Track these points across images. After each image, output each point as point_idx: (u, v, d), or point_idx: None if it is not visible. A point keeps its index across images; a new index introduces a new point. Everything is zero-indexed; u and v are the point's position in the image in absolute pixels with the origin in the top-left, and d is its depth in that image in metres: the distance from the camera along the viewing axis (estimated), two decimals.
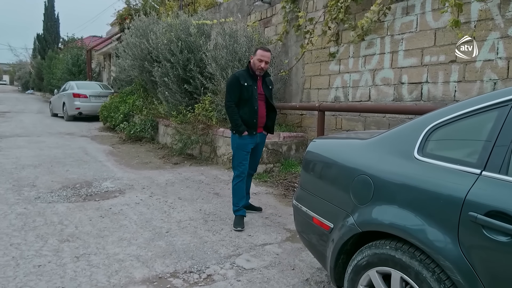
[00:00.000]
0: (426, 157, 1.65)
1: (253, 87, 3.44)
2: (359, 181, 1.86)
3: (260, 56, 3.40)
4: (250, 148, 3.53)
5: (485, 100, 1.54)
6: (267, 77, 3.62)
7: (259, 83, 3.53)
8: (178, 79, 7.12)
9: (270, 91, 3.63)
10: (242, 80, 3.40)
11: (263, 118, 3.58)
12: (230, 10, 8.12)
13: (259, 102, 3.50)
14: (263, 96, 3.54)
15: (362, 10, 4.94)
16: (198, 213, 3.84)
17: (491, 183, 1.39)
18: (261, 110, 3.52)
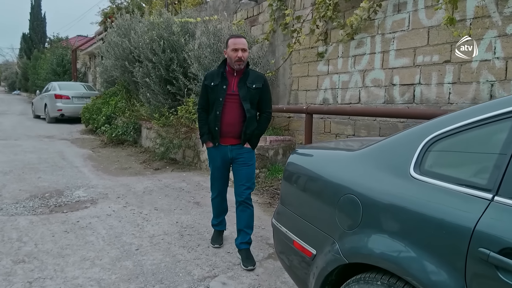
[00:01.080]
0: (425, 175, 1.37)
1: (220, 87, 2.76)
2: (346, 201, 1.57)
3: (233, 45, 2.70)
4: (218, 163, 2.91)
5: (495, 107, 1.27)
6: (250, 74, 2.82)
7: (233, 81, 2.78)
8: (160, 79, 6.79)
9: (250, 92, 2.76)
10: (207, 80, 2.83)
11: (234, 126, 2.79)
12: (215, 8, 7.82)
13: (228, 105, 2.76)
14: (235, 97, 2.76)
15: (352, 8, 4.68)
16: (174, 226, 3.53)
17: (507, 212, 1.12)
18: (228, 116, 2.77)
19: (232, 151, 2.85)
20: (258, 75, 2.89)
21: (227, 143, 2.85)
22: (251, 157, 2.89)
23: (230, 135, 2.82)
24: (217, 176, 2.99)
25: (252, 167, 2.88)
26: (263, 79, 2.86)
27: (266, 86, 2.86)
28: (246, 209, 2.87)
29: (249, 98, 2.78)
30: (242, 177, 2.85)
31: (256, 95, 2.80)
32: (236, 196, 2.87)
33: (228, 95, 2.77)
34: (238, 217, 2.89)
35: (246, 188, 2.84)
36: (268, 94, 2.89)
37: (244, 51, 2.73)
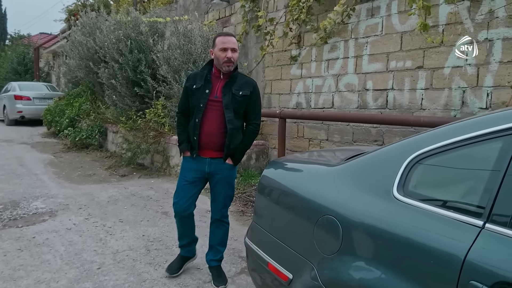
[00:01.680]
0: (409, 197, 1.26)
1: (202, 91, 2.42)
2: (325, 223, 1.45)
3: (221, 44, 2.38)
4: (191, 176, 2.51)
5: (485, 125, 1.18)
6: (238, 79, 2.48)
7: (217, 85, 2.45)
8: (127, 81, 6.48)
9: (235, 99, 2.42)
10: (189, 81, 2.51)
11: (214, 137, 2.43)
12: (186, 8, 7.58)
13: (209, 112, 2.41)
14: (218, 104, 2.41)
15: (325, 11, 4.61)
16: (140, 240, 3.30)
17: (500, 241, 1.02)
18: (208, 125, 2.42)
19: (211, 165, 2.49)
20: (247, 80, 2.53)
21: (206, 155, 2.49)
22: (232, 174, 2.57)
23: (209, 147, 2.46)
24: (184, 191, 2.53)
25: (231, 184, 2.60)
26: (252, 85, 2.51)
27: (255, 94, 2.51)
28: (221, 226, 2.64)
29: (233, 107, 2.42)
30: (220, 196, 2.56)
31: (242, 103, 2.45)
32: (212, 212, 2.62)
33: (211, 101, 2.43)
34: (212, 232, 2.66)
35: (223, 206, 2.60)
36: (256, 103, 2.53)
37: (234, 52, 2.41)
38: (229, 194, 2.60)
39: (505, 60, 3.08)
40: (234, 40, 2.45)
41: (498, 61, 3.13)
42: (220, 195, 2.56)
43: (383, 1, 4.01)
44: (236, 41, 2.48)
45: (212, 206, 2.62)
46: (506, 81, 3.07)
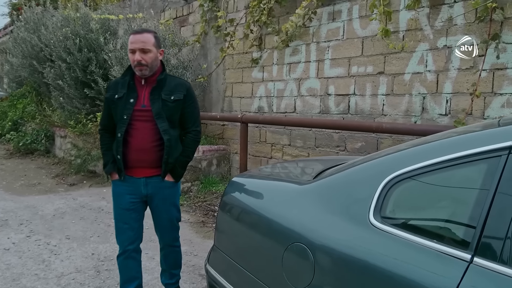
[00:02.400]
0: (387, 223, 1.14)
1: (125, 101, 2.06)
2: (294, 251, 1.30)
3: (129, 44, 2.04)
4: (126, 203, 2.12)
5: (470, 145, 1.08)
6: (168, 82, 2.13)
7: (143, 92, 2.09)
8: (76, 82, 6.02)
9: (167, 105, 2.08)
10: (110, 91, 2.14)
11: (147, 153, 2.07)
12: (141, 5, 7.21)
13: (137, 124, 2.07)
14: (147, 114, 2.07)
15: (286, 14, 4.51)
16: (89, 260, 3.00)
17: (490, 279, 0.92)
18: (137, 139, 2.06)
19: (147, 185, 2.12)
20: (179, 82, 2.18)
21: (139, 174, 2.11)
22: (174, 192, 2.23)
23: (142, 164, 2.09)
24: (123, 222, 2.15)
25: (176, 204, 2.27)
26: (186, 87, 2.16)
27: (190, 97, 2.17)
28: (172, 252, 2.34)
29: (166, 115, 2.08)
30: (164, 220, 2.23)
31: (176, 109, 2.11)
32: (160, 239, 2.32)
33: (138, 111, 2.07)
34: (163, 258, 2.37)
35: (170, 230, 2.27)
36: (193, 107, 2.20)
37: (146, 52, 2.00)
38: (175, 216, 2.27)
39: (464, 67, 3.12)
40: (145, 38, 2.03)
41: (456, 68, 3.16)
42: (164, 219, 2.22)
43: (344, 5, 3.96)
44: (153, 37, 2.06)
45: (158, 233, 2.30)
46: (465, 88, 3.11)
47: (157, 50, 2.07)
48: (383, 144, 3.71)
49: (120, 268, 2.26)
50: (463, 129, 1.28)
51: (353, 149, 3.94)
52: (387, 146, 3.66)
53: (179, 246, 2.38)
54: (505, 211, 0.94)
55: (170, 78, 2.18)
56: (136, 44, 2.02)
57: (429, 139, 1.29)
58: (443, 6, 3.21)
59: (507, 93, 2.88)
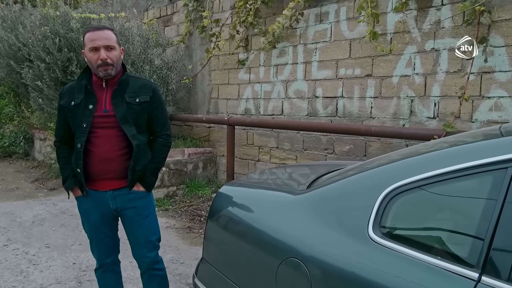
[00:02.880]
0: (388, 238, 1.08)
1: (84, 107, 1.87)
2: (289, 266, 1.23)
3: (90, 42, 1.83)
4: (94, 219, 1.96)
5: (468, 155, 1.03)
6: (131, 82, 1.95)
7: (104, 96, 1.91)
8: (56, 83, 5.81)
9: (132, 109, 1.91)
10: (64, 98, 1.94)
11: (112, 162, 1.89)
12: (123, 4, 7.04)
13: (100, 132, 1.88)
14: (111, 120, 1.89)
15: (273, 15, 4.45)
16: (70, 270, 2.87)
17: None
18: (101, 148, 1.87)
19: (115, 198, 1.93)
20: (143, 83, 1.99)
21: (105, 187, 1.92)
22: (146, 204, 2.02)
23: (108, 176, 1.90)
24: (97, 238, 2.00)
25: (151, 217, 2.04)
26: (151, 88, 1.98)
27: (156, 98, 1.99)
28: (155, 276, 2.07)
29: (132, 119, 1.90)
30: (139, 237, 2.00)
31: (142, 112, 1.94)
32: (137, 261, 2.07)
33: (99, 117, 1.88)
34: (145, 285, 2.12)
35: (148, 250, 2.01)
36: (161, 109, 2.03)
37: (110, 50, 1.83)
38: (152, 231, 2.03)
39: (451, 70, 3.12)
40: (108, 35, 1.86)
41: (444, 71, 3.16)
42: (140, 236, 1.99)
43: (332, 7, 3.93)
44: (113, 34, 1.90)
45: (135, 252, 2.04)
46: (453, 91, 3.11)
47: (119, 48, 1.92)
48: (371, 147, 3.69)
49: (99, 282, 2.14)
50: (465, 138, 1.24)
51: (342, 152, 3.91)
52: (376, 149, 3.64)
53: (163, 269, 2.11)
54: None
55: (132, 79, 2.00)
56: (99, 41, 1.82)
57: (430, 147, 1.24)
58: (431, 9, 3.20)
59: (495, 97, 2.89)
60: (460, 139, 1.25)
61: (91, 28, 1.91)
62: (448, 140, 1.30)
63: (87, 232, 2.06)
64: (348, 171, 1.43)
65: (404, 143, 3.46)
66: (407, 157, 1.22)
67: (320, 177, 1.62)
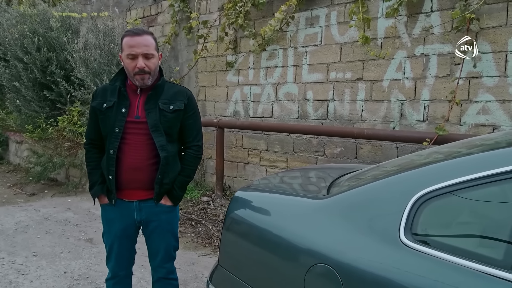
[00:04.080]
0: (420, 243, 1.10)
1: (117, 111, 1.81)
2: (319, 273, 1.23)
3: (128, 48, 1.75)
4: (117, 230, 1.89)
5: (503, 161, 1.07)
6: (166, 88, 1.88)
7: (137, 100, 1.84)
8: (34, 83, 5.61)
9: (165, 116, 1.83)
10: (97, 99, 1.87)
11: (141, 172, 1.82)
12: (104, 3, 6.85)
13: (130, 138, 1.82)
14: (142, 126, 1.82)
15: (263, 17, 4.46)
16: (62, 279, 2.76)
17: None
18: (130, 156, 1.81)
19: (141, 210, 1.87)
20: (179, 90, 1.92)
21: (132, 197, 1.86)
22: (172, 219, 1.96)
23: (135, 186, 1.84)
24: (117, 250, 1.92)
25: (174, 232, 1.99)
26: (187, 96, 1.91)
27: (191, 106, 1.92)
28: (167, 285, 2.03)
29: (164, 127, 1.82)
30: (160, 249, 1.94)
31: (175, 121, 1.85)
32: (153, 270, 2.02)
33: (130, 123, 1.81)
34: None
35: (166, 261, 1.98)
36: (195, 118, 1.95)
37: (149, 58, 1.76)
38: (172, 245, 2.00)
39: (441, 75, 3.22)
40: (147, 41, 1.77)
41: (434, 76, 3.26)
42: (160, 248, 1.94)
43: (322, 11, 3.98)
44: (153, 39, 1.82)
45: (152, 262, 2.00)
46: (442, 95, 3.22)
47: (158, 54, 1.84)
48: (362, 149, 3.76)
49: None
50: (493, 141, 1.28)
51: (332, 154, 3.97)
52: (367, 151, 3.71)
53: (176, 279, 2.07)
54: None
55: (168, 84, 1.92)
56: (138, 48, 1.73)
57: (454, 151, 1.28)
58: (421, 15, 3.30)
59: (483, 101, 3.01)
60: (486, 143, 1.29)
61: (129, 32, 1.81)
62: (477, 143, 1.34)
63: (105, 242, 1.97)
64: (369, 175, 1.45)
65: (394, 146, 3.55)
66: (433, 162, 1.25)
67: (335, 181, 1.64)
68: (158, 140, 1.81)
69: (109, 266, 1.98)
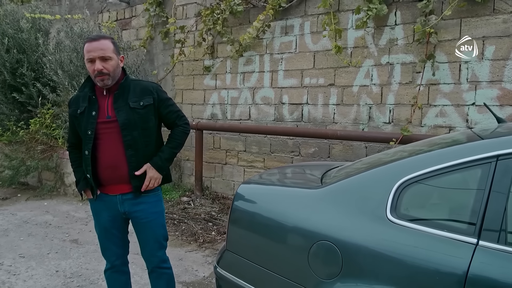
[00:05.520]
0: (403, 219, 1.38)
1: (88, 115, 1.95)
2: (321, 249, 1.48)
3: (87, 54, 1.89)
4: (105, 221, 2.05)
5: (463, 154, 1.37)
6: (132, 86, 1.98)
7: (106, 102, 1.96)
8: (3, 85, 5.48)
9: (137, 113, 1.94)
10: (72, 107, 2.03)
11: (118, 169, 1.95)
12: (74, 4, 6.78)
13: (104, 138, 1.95)
14: (114, 125, 1.93)
15: (239, 25, 4.68)
16: (55, 278, 2.82)
17: (494, 256, 1.20)
18: (107, 155, 1.95)
19: (123, 202, 2.00)
20: (145, 86, 2.02)
21: (115, 191, 2.00)
22: (154, 205, 2.06)
23: (116, 181, 1.97)
24: (106, 239, 2.09)
25: (160, 217, 2.10)
26: (154, 89, 2.01)
27: (161, 97, 2.03)
28: (162, 275, 2.14)
29: (141, 123, 1.95)
30: (147, 237, 2.07)
31: (148, 115, 1.98)
32: (146, 261, 2.14)
33: (102, 123, 1.94)
34: (153, 283, 2.18)
35: (156, 249, 2.09)
36: (170, 104, 2.07)
37: (106, 60, 1.86)
38: (161, 233, 2.11)
39: (404, 81, 3.61)
40: (103, 45, 1.88)
41: (398, 82, 3.65)
42: (149, 239, 2.06)
43: (296, 21, 4.28)
44: (111, 43, 1.92)
45: (143, 253, 2.13)
46: (405, 100, 3.60)
47: (117, 56, 1.95)
48: (334, 149, 4.08)
49: (108, 282, 2.20)
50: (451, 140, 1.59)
51: (307, 154, 4.26)
52: (339, 151, 4.04)
53: (170, 268, 2.20)
54: (499, 205, 1.24)
55: (134, 82, 2.02)
56: (95, 52, 1.86)
57: (422, 147, 1.58)
58: (386, 28, 3.68)
59: (440, 105, 3.43)
60: (445, 141, 1.60)
61: (88, 38, 1.94)
62: (436, 142, 1.65)
63: (97, 234, 2.13)
64: (355, 168, 1.72)
65: (363, 145, 3.90)
66: (410, 155, 1.54)
67: (324, 174, 1.90)
68: (126, 138, 1.93)
69: (105, 257, 2.14)
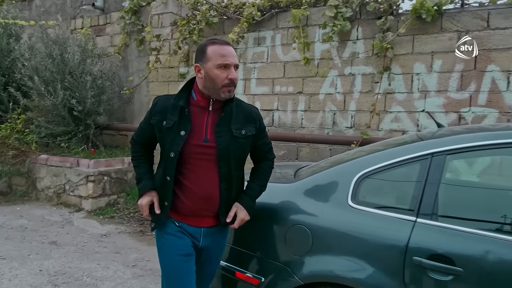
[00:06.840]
0: (361, 205, 1.70)
1: (175, 132, 1.61)
2: (295, 231, 1.77)
3: (220, 58, 1.57)
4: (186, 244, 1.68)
5: (406, 152, 1.71)
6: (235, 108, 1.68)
7: (205, 121, 1.66)
8: None
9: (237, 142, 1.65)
10: (157, 115, 1.66)
11: (211, 201, 1.66)
12: (46, 10, 6.78)
13: (196, 163, 1.64)
14: (211, 151, 1.63)
15: (214, 35, 4.94)
16: (40, 276, 2.93)
17: (427, 229, 1.54)
18: (199, 184, 1.64)
19: (206, 236, 1.71)
20: (248, 111, 1.72)
21: (200, 224, 1.69)
22: (225, 243, 1.85)
23: (205, 214, 1.69)
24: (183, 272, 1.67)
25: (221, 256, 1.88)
26: (257, 118, 1.75)
27: (262, 127, 1.79)
28: None
29: (237, 154, 1.67)
30: (210, 273, 1.85)
31: (247, 146, 1.71)
32: None
33: (197, 146, 1.62)
34: None
35: (208, 283, 1.89)
36: (265, 133, 1.85)
37: (236, 69, 1.62)
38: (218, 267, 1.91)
39: (364, 90, 4.01)
40: (234, 52, 1.64)
41: (359, 91, 4.04)
42: (211, 272, 1.85)
43: (268, 33, 4.60)
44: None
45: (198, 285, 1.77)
46: (365, 106, 4.00)
47: None
48: (302, 151, 4.41)
49: None
50: (400, 141, 1.94)
51: (277, 156, 4.57)
52: (306, 153, 4.38)
53: None
54: (432, 191, 1.58)
55: (238, 102, 1.72)
56: (232, 58, 1.59)
57: (378, 147, 1.91)
58: (349, 42, 4.07)
59: (395, 111, 3.84)
60: (396, 142, 1.94)
61: (217, 40, 1.62)
62: (390, 143, 1.99)
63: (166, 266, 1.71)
64: (321, 166, 2.03)
65: (328, 148, 4.26)
66: (366, 154, 1.87)
67: (296, 171, 2.20)
68: (222, 170, 1.64)
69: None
